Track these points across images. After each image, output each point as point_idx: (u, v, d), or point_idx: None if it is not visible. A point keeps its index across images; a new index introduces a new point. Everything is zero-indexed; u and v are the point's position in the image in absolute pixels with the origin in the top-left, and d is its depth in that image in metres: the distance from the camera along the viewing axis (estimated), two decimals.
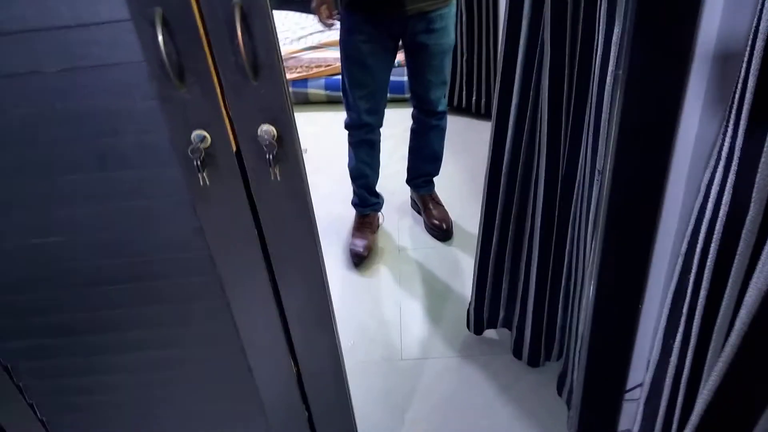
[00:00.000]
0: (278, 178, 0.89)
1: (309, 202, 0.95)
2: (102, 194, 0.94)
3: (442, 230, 2.33)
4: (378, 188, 2.33)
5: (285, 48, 3.43)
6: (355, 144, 2.13)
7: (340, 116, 2.18)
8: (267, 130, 0.85)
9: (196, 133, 0.85)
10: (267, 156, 0.86)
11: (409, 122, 2.25)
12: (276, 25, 2.75)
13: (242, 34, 0.76)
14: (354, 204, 2.33)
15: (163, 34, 0.76)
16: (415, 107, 2.17)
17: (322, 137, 3.08)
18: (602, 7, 1.00)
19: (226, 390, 1.21)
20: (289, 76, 3.31)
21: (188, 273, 1.03)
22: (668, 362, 0.90)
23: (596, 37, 1.07)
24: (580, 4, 1.11)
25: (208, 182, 0.89)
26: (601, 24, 1.01)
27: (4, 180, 0.92)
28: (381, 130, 2.15)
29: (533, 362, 1.71)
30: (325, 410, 1.25)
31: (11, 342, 1.14)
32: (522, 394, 1.67)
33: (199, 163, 0.86)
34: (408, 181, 2.43)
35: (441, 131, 2.22)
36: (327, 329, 1.10)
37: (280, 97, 0.83)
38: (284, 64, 2.95)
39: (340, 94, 3.30)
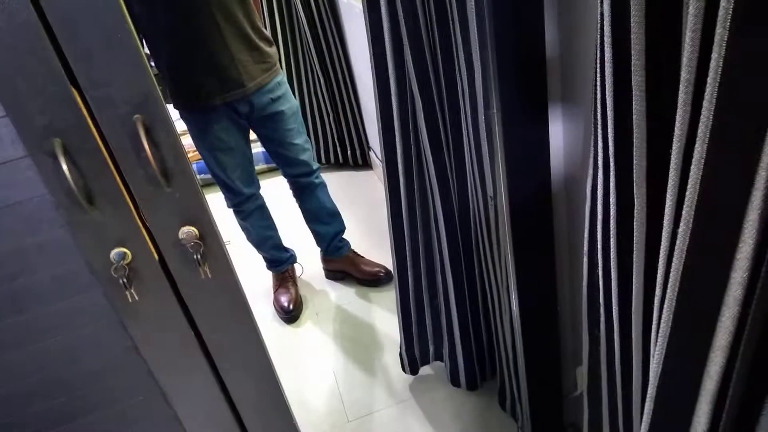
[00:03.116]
0: (209, 276, 0.90)
1: (242, 292, 0.95)
2: (22, 339, 0.88)
3: (381, 276, 2.34)
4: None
5: None
6: (245, 216, 2.17)
7: (216, 196, 2.21)
8: (188, 231, 0.86)
9: (116, 252, 0.84)
10: (194, 256, 0.86)
11: (279, 190, 2.28)
12: None
13: (149, 146, 0.78)
14: (270, 268, 2.34)
15: (66, 163, 0.75)
16: (287, 176, 2.21)
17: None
18: (460, 58, 1.12)
19: None
20: None
21: (130, 395, 0.98)
22: (599, 351, 1.01)
23: (459, 84, 1.19)
24: (438, 56, 1.23)
25: (136, 297, 0.88)
26: (462, 72, 1.14)
27: None
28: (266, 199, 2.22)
29: (471, 386, 1.78)
30: None
31: None
32: (471, 418, 1.73)
33: (124, 280, 0.84)
34: (326, 254, 2.43)
35: (324, 186, 2.29)
36: (283, 413, 1.10)
37: (196, 198, 0.85)
38: None
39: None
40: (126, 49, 0.74)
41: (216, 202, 3.18)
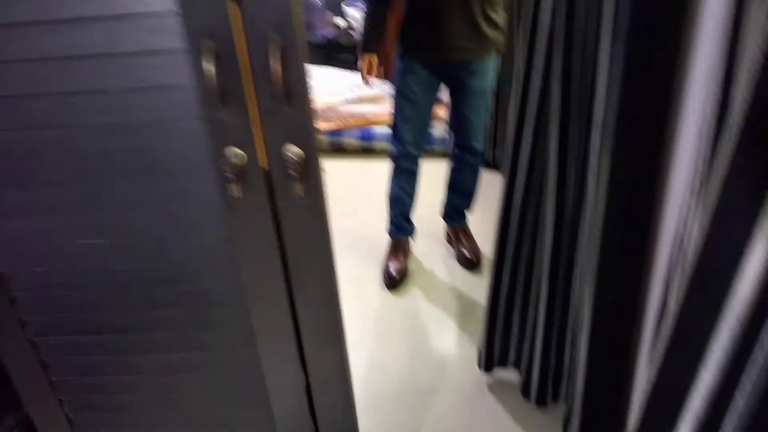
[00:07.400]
0: (301, 195, 1.00)
1: (327, 218, 1.05)
2: (146, 202, 1.06)
3: (471, 261, 2.49)
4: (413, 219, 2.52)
5: (325, 100, 3.65)
6: (397, 172, 2.35)
7: (371, 164, 2.34)
8: (294, 151, 0.97)
9: (233, 150, 0.98)
10: (292, 173, 0.97)
11: (434, 173, 2.41)
12: (320, 79, 3.01)
13: (279, 66, 0.89)
14: (389, 231, 2.50)
15: (211, 63, 0.89)
16: (455, 144, 2.37)
17: (353, 183, 3.23)
18: (602, 62, 1.10)
19: (239, 396, 1.29)
20: (326, 126, 3.50)
21: (214, 279, 1.13)
22: None
23: (596, 94, 1.17)
24: (588, 62, 1.21)
25: (238, 195, 1.01)
26: (600, 79, 1.12)
27: (64, 184, 1.05)
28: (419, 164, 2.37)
29: (540, 402, 1.74)
30: (332, 425, 1.32)
31: (50, 337, 1.24)
32: None
33: (232, 175, 0.98)
34: (443, 215, 2.60)
35: (476, 170, 2.41)
36: (337, 341, 1.18)
37: (307, 122, 0.95)
38: (324, 115, 3.21)
39: (372, 144, 3.50)
40: None
41: (356, 166, 3.42)
